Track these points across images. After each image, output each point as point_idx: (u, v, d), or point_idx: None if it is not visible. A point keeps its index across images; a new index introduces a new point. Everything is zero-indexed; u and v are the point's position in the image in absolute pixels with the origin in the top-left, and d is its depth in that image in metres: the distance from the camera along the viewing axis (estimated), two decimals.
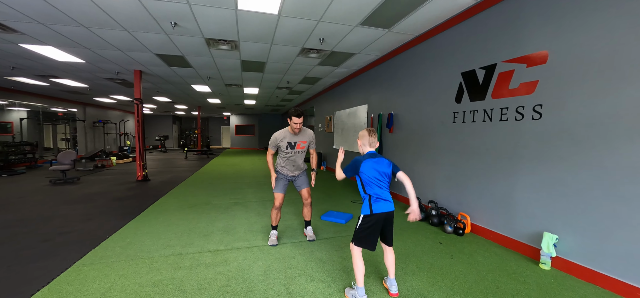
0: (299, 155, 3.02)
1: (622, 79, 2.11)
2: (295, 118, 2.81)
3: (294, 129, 2.87)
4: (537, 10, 2.71)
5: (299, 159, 3.03)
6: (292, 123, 2.83)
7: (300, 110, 2.82)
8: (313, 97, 11.26)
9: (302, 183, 3.12)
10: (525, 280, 2.34)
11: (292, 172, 3.06)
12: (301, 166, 3.08)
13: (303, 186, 3.11)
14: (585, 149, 2.35)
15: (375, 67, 5.97)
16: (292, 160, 3.00)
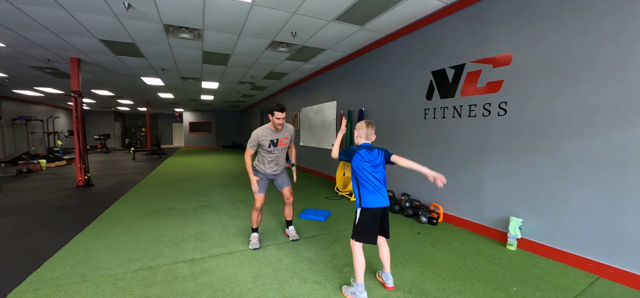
0: (282, 152, 2.88)
1: (575, 79, 2.42)
2: (278, 113, 2.66)
3: (276, 125, 2.72)
4: (502, 17, 2.96)
5: (281, 157, 2.89)
6: (275, 119, 2.67)
7: (283, 105, 2.68)
8: (276, 94, 10.98)
9: (283, 181, 2.98)
10: (498, 261, 2.56)
11: (274, 171, 2.90)
12: (282, 164, 2.94)
13: (284, 185, 2.98)
14: (544, 141, 2.64)
15: (344, 64, 6.02)
16: (275, 159, 2.85)
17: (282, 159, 2.91)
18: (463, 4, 3.33)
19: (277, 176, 2.97)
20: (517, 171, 2.88)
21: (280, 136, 2.80)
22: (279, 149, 2.84)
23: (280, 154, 2.87)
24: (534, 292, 2.07)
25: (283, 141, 2.83)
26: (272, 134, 2.77)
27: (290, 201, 3.02)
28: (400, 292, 2.07)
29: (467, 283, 2.19)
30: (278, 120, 2.68)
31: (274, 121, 2.70)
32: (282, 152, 2.89)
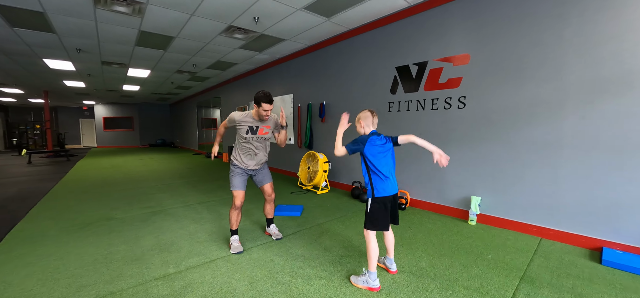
0: (261, 144, 2.62)
1: (522, 78, 2.90)
2: (267, 105, 2.42)
3: (262, 116, 2.50)
4: (461, 21, 3.34)
5: (260, 149, 2.62)
6: (261, 111, 2.44)
7: (270, 95, 2.44)
8: (218, 86, 10.13)
9: (264, 177, 2.75)
10: (467, 235, 2.91)
11: (252, 164, 2.62)
12: (263, 158, 2.67)
13: (265, 181, 2.75)
14: (498, 130, 3.10)
15: (303, 56, 5.92)
16: (252, 148, 2.57)
17: (261, 152, 2.64)
18: (426, 6, 3.63)
19: (257, 171, 2.72)
20: (475, 156, 3.31)
21: (261, 125, 2.56)
22: (258, 139, 2.57)
23: (259, 145, 2.60)
24: (503, 257, 2.42)
25: (264, 130, 2.57)
26: (253, 121, 2.53)
27: (272, 198, 2.82)
28: (403, 274, 2.16)
29: (453, 257, 2.41)
30: (265, 112, 2.45)
31: (260, 112, 2.46)
32: (262, 144, 2.62)
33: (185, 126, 14.91)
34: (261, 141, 2.60)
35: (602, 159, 2.48)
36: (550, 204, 2.79)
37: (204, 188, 5.32)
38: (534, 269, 2.21)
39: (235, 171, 2.60)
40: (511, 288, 1.96)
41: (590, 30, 2.49)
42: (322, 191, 4.91)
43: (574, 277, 2.09)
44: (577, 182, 2.63)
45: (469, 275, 2.14)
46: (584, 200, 2.60)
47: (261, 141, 2.60)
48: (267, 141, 2.66)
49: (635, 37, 2.29)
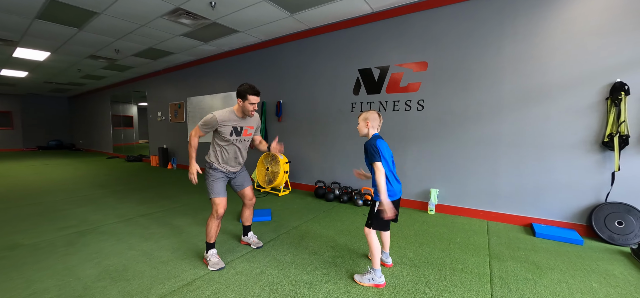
0: (244, 144, 2.38)
1: (471, 86, 3.40)
2: (254, 97, 2.19)
3: (248, 111, 2.24)
4: (420, 31, 3.70)
5: (243, 149, 2.39)
6: (247, 104, 2.20)
7: (256, 87, 2.23)
8: (144, 78, 8.69)
9: (243, 180, 2.50)
10: (433, 224, 3.25)
11: (234, 167, 2.38)
12: (243, 159, 2.45)
13: (246, 184, 2.51)
14: (450, 130, 3.56)
15: (257, 51, 5.60)
16: (235, 152, 2.32)
17: (244, 152, 2.41)
18: (389, 14, 3.89)
19: (237, 174, 2.45)
20: (432, 153, 3.72)
21: (245, 124, 2.31)
22: (242, 141, 2.34)
23: (243, 146, 2.37)
24: (468, 238, 2.80)
25: (248, 131, 2.35)
26: (237, 120, 2.26)
27: (252, 203, 2.58)
28: (398, 266, 2.26)
29: (430, 245, 2.66)
30: (251, 106, 2.22)
31: (247, 107, 2.21)
32: (245, 144, 2.39)
33: (93, 125, 12.25)
34: (244, 143, 2.37)
35: (529, 153, 3.12)
36: (492, 191, 3.35)
37: (138, 197, 4.48)
38: (494, 246, 2.62)
39: (216, 175, 2.30)
40: (485, 264, 2.28)
41: (520, 50, 3.10)
42: (283, 192, 4.74)
43: (523, 249, 2.56)
44: (511, 172, 3.23)
45: (450, 258, 2.39)
46: (517, 186, 3.21)
47: (244, 143, 2.36)
48: (248, 143, 2.43)
49: (553, 58, 2.94)
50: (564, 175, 2.95)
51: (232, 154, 2.31)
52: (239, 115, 2.26)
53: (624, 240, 2.55)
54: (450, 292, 1.90)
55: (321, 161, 4.82)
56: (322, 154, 4.80)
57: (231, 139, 2.26)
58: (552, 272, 2.15)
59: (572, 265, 2.25)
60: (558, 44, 2.90)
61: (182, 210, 3.75)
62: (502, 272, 2.16)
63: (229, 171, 2.36)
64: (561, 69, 2.90)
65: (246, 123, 2.32)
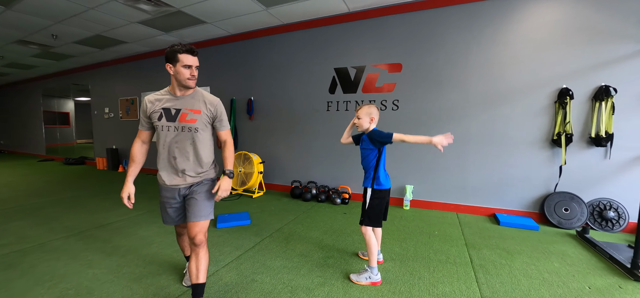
0: (184, 138, 1.59)
1: (442, 88, 3.63)
2: (188, 57, 1.52)
3: (183, 81, 1.54)
4: (396, 34, 3.84)
5: (183, 147, 1.60)
6: (181, 68, 1.52)
7: (192, 46, 1.56)
8: (86, 69, 7.62)
9: (194, 206, 1.62)
10: (410, 219, 3.41)
11: (171, 178, 1.63)
12: (194, 166, 1.64)
13: (192, 215, 1.61)
14: (424, 129, 3.77)
15: (225, 44, 5.28)
16: (170, 149, 1.60)
17: (189, 154, 1.61)
18: (366, 15, 3.96)
19: (192, 192, 1.65)
20: (407, 152, 3.90)
21: (184, 106, 1.58)
22: (179, 130, 1.58)
23: (181, 142, 1.59)
24: (444, 231, 2.99)
25: (189, 115, 1.58)
26: (170, 99, 1.59)
27: (197, 249, 1.62)
28: (388, 262, 2.32)
29: (413, 239, 2.79)
30: (187, 70, 1.52)
31: (181, 73, 1.52)
32: (188, 140, 1.60)
33: (20, 122, 10.39)
34: (186, 135, 1.58)
35: (493, 150, 3.45)
36: (462, 186, 3.64)
37: (90, 206, 3.92)
38: (468, 236, 2.84)
39: (161, 197, 1.72)
40: (465, 254, 2.46)
41: (485, 57, 3.40)
42: (257, 194, 4.56)
43: (493, 237, 2.82)
44: (478, 168, 3.54)
45: (434, 250, 2.53)
46: (482, 181, 3.53)
47: (186, 134, 1.58)
48: (198, 135, 1.60)
49: (513, 66, 3.28)
50: (521, 169, 3.33)
51: (164, 154, 1.60)
52: (174, 92, 1.59)
53: (569, 224, 2.97)
54: (442, 283, 2.01)
55: (296, 161, 4.75)
56: (297, 153, 4.73)
57: (163, 125, 1.56)
58: (521, 256, 2.41)
59: (535, 249, 2.55)
60: (517, 53, 3.25)
61: (148, 218, 3.38)
62: (480, 259, 2.35)
63: (168, 185, 1.63)
64: (519, 76, 3.26)
65: (185, 103, 1.58)
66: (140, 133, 1.68)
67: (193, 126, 1.59)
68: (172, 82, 1.60)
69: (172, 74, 1.56)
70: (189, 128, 1.59)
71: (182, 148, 1.59)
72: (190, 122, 1.58)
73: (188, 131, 1.59)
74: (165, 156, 1.61)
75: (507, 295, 1.86)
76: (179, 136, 1.58)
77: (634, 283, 1.98)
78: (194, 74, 1.55)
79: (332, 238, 2.84)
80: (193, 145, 1.61)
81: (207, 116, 1.64)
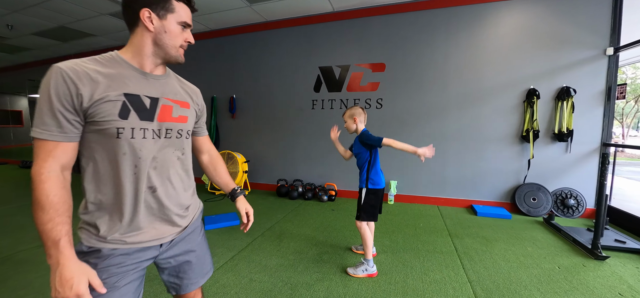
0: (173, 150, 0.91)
1: (423, 87, 3.82)
2: (188, 11, 0.88)
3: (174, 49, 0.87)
4: (379, 34, 3.96)
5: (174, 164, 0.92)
6: (173, 26, 0.84)
7: None
8: (46, 63, 6.96)
9: (192, 271, 1.01)
10: (396, 213, 3.55)
11: (164, 219, 0.91)
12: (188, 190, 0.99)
13: (189, 283, 1.01)
14: (407, 127, 3.94)
15: (204, 40, 5.10)
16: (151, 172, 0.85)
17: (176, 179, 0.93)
18: (350, 15, 4.04)
19: (177, 254, 0.96)
20: (391, 149, 4.04)
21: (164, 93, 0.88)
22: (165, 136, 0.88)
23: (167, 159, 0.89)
24: (428, 223, 3.17)
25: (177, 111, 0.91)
26: (133, 78, 0.82)
27: None
28: (380, 255, 2.42)
29: (400, 232, 2.92)
30: (179, 32, 0.86)
31: (171, 34, 0.84)
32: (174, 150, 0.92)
33: None
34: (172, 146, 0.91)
35: (469, 146, 3.69)
36: (441, 180, 3.86)
37: None
38: (450, 227, 3.04)
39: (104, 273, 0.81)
40: (449, 243, 2.64)
41: (462, 59, 3.63)
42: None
43: (472, 227, 3.04)
44: (456, 163, 3.78)
45: (421, 241, 2.68)
46: (459, 174, 3.77)
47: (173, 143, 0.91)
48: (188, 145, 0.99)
49: (487, 68, 3.54)
50: (494, 163, 3.61)
51: (130, 186, 0.82)
52: (140, 66, 0.85)
53: (537, 212, 3.28)
54: (433, 271, 2.14)
55: (282, 159, 4.74)
56: (282, 152, 4.72)
57: (123, 135, 0.79)
58: (498, 243, 2.63)
59: (510, 235, 2.79)
60: (491, 55, 3.51)
61: None
62: (464, 248, 2.54)
63: (137, 243, 0.85)
64: (493, 77, 3.52)
65: (164, 88, 0.89)
66: (53, 150, 0.73)
67: (184, 128, 0.93)
68: (135, 47, 0.83)
69: (151, 32, 0.82)
70: (178, 131, 0.91)
71: (166, 169, 0.88)
72: (178, 121, 0.90)
73: (177, 137, 0.91)
74: (132, 188, 0.82)
75: (491, 278, 2.04)
76: (162, 150, 0.87)
77: (595, 261, 2.25)
78: (189, 40, 0.90)
79: (323, 234, 2.89)
80: (182, 163, 0.95)
81: (196, 112, 1.01)
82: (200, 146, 1.14)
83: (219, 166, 1.18)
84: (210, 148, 1.18)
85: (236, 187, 1.18)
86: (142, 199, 0.84)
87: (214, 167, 1.17)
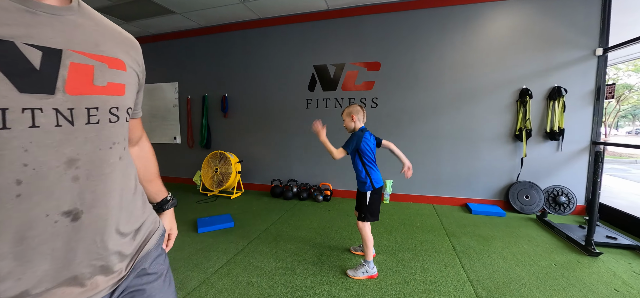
0: (106, 151, 0.55)
1: (418, 86, 3.82)
2: None
3: None
4: (373, 33, 3.94)
5: (105, 172, 0.55)
6: None
7: None
8: None
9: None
10: (391, 212, 3.54)
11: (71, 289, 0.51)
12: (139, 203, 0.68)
13: None
14: (401, 125, 3.94)
15: (194, 37, 4.96)
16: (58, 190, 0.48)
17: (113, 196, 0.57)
18: (345, 13, 4.01)
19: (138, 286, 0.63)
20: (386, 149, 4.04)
21: (70, 42, 0.49)
22: (89, 120, 0.51)
23: (99, 157, 0.53)
24: (424, 222, 3.17)
25: (106, 77, 0.54)
26: (17, 17, 0.43)
27: None
28: (379, 255, 2.40)
29: (398, 231, 2.91)
30: None
31: None
32: (111, 145, 0.56)
33: None
34: (106, 137, 0.55)
35: (463, 145, 3.72)
36: (436, 178, 3.88)
37: None
38: (447, 226, 3.05)
39: None
40: (447, 242, 2.64)
41: (457, 58, 3.65)
42: (236, 194, 4.39)
43: (468, 225, 3.06)
44: (450, 161, 3.80)
45: (419, 241, 2.67)
46: (454, 173, 3.80)
47: (106, 133, 0.55)
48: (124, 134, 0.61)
49: (481, 67, 3.57)
50: (488, 162, 3.65)
51: (7, 220, 0.44)
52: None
53: (530, 209, 3.34)
54: (433, 271, 2.13)
55: (276, 159, 4.66)
56: (276, 151, 4.64)
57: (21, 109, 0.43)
58: (495, 241, 2.64)
59: (505, 233, 2.82)
60: (485, 55, 3.54)
61: None
62: (461, 246, 2.54)
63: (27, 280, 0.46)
64: (486, 76, 3.55)
65: (79, 36, 0.51)
66: None
67: (120, 104, 0.58)
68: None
69: None
70: (111, 111, 0.56)
71: (97, 179, 0.54)
72: (107, 92, 0.55)
73: (110, 122, 0.56)
74: (14, 222, 0.45)
75: (490, 277, 2.04)
76: (85, 147, 0.52)
77: (589, 257, 2.30)
78: None
79: (321, 235, 2.84)
80: (125, 166, 0.63)
81: (138, 77, 0.66)
82: (132, 132, 0.74)
83: (151, 167, 0.85)
84: (143, 138, 0.83)
85: (168, 197, 0.90)
86: (44, 236, 0.47)
87: (145, 167, 0.83)
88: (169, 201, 0.89)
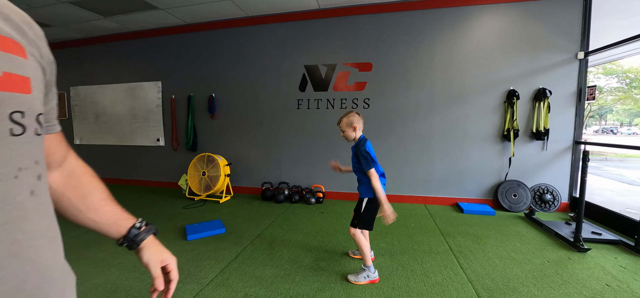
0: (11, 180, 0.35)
1: (409, 87, 3.85)
2: None
3: None
4: (365, 34, 3.93)
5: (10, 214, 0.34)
6: None
7: None
8: None
9: None
10: None
11: None
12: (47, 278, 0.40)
13: None
14: (393, 126, 3.95)
15: (179, 34, 4.76)
16: None
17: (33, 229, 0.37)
18: (336, 13, 3.97)
19: None
20: (378, 148, 3.99)
21: None
22: None
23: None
24: (418, 222, 3.19)
25: None
26: None
27: None
28: (378, 258, 2.37)
29: (394, 233, 2.90)
30: None
31: None
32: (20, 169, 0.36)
33: None
34: (11, 156, 0.35)
35: (454, 145, 3.78)
36: (427, 178, 3.92)
37: None
38: (441, 226, 3.07)
39: None
40: (443, 242, 2.65)
41: (447, 59, 3.70)
42: (225, 198, 4.24)
43: (462, 225, 3.10)
44: (441, 161, 3.85)
45: (416, 242, 2.67)
46: (445, 173, 3.85)
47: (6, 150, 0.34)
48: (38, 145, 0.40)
49: (471, 68, 3.64)
50: (478, 162, 3.73)
51: None
52: None
53: (518, 208, 3.44)
54: (433, 272, 2.12)
55: (266, 162, 4.55)
56: (266, 153, 4.53)
57: None
58: (488, 240, 2.69)
59: (497, 232, 2.88)
60: (474, 57, 3.61)
61: (97, 238, 2.86)
62: (457, 246, 2.56)
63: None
64: (475, 78, 3.63)
65: None
66: None
67: (27, 106, 0.38)
68: None
69: None
70: (11, 116, 0.35)
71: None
72: (4, 88, 0.34)
73: (9, 139, 0.35)
74: None
75: (489, 276, 2.06)
76: None
77: (578, 253, 2.38)
78: None
79: (316, 239, 2.78)
80: (38, 198, 0.39)
81: (43, 69, 0.44)
82: (49, 154, 0.51)
83: (95, 190, 0.60)
84: (70, 156, 0.59)
85: (137, 223, 0.64)
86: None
87: (82, 195, 0.57)
88: (140, 228, 0.63)
